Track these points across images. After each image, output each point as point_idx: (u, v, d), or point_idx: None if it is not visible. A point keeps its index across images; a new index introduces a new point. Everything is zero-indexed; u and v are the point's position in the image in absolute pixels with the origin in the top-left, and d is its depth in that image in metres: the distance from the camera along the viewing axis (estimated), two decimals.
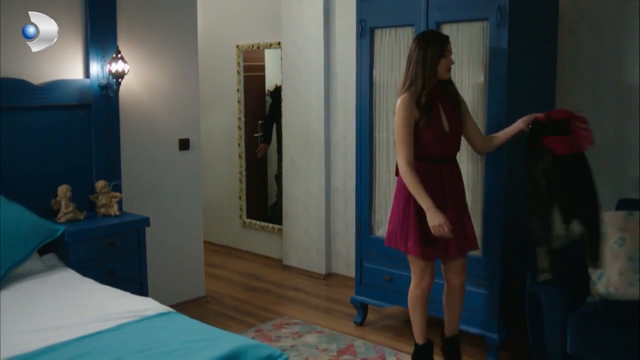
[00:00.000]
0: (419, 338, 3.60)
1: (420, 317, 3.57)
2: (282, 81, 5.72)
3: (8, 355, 2.47)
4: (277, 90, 6.18)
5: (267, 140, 6.41)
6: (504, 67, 3.53)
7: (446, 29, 3.78)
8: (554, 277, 3.24)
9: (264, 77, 6.49)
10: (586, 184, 3.28)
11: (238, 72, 6.18)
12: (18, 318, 2.85)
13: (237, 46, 6.14)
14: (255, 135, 6.41)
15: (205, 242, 5.28)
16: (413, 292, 3.55)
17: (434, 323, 3.82)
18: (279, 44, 5.73)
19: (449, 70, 3.34)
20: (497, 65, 3.57)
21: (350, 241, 4.97)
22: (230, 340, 2.58)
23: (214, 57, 6.28)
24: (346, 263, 5.42)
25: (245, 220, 6.33)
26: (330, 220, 5.51)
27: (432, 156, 3.37)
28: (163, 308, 3.01)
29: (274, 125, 6.32)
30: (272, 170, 6.61)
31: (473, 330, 3.81)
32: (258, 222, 6.26)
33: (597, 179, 4.11)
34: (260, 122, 6.39)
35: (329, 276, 5.52)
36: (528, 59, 3.78)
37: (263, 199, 6.65)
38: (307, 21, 5.40)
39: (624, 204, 3.65)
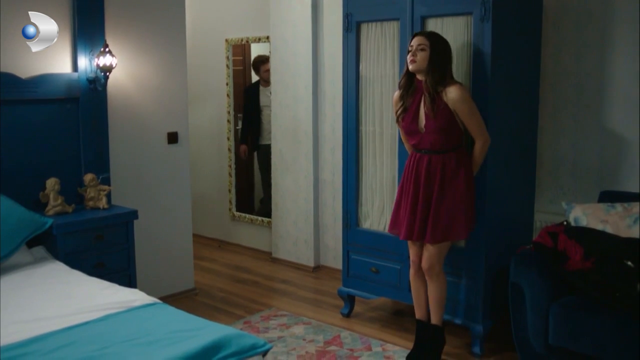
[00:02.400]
0: (415, 313, 3.80)
1: (412, 293, 3.78)
2: (270, 75, 5.74)
3: None
4: (250, 88, 6.24)
5: (243, 141, 6.34)
6: (488, 61, 3.57)
7: (431, 23, 3.82)
8: None
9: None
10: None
11: (227, 66, 6.20)
12: (6, 309, 2.88)
13: (227, 40, 6.16)
14: (237, 128, 6.37)
15: (195, 235, 5.31)
16: None
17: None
18: (267, 38, 5.76)
19: (411, 62, 3.50)
20: (480, 60, 3.61)
21: (339, 234, 4.99)
22: (214, 330, 2.62)
23: (203, 51, 6.29)
24: (334, 255, 5.45)
25: (235, 213, 6.35)
26: (318, 213, 5.55)
27: (411, 145, 3.68)
28: (149, 299, 3.05)
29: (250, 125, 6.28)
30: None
31: (457, 321, 3.85)
32: (247, 215, 6.28)
33: (580, 172, 4.18)
34: (239, 115, 6.36)
35: (318, 268, 5.56)
36: (512, 53, 3.81)
37: (252, 192, 6.67)
38: (295, 15, 5.42)
39: (605, 197, 3.71)
